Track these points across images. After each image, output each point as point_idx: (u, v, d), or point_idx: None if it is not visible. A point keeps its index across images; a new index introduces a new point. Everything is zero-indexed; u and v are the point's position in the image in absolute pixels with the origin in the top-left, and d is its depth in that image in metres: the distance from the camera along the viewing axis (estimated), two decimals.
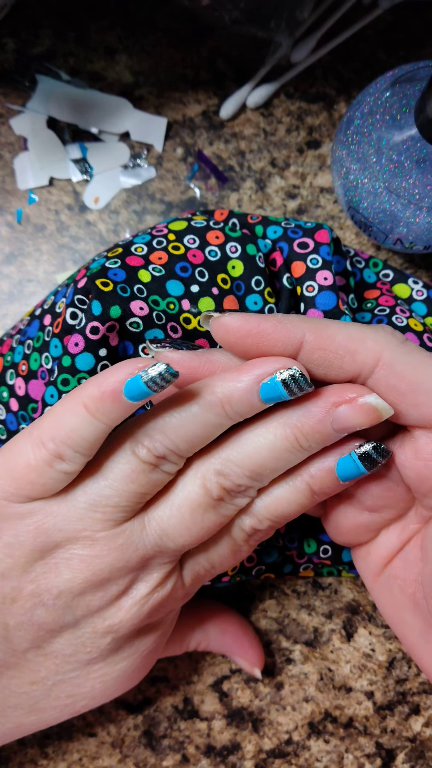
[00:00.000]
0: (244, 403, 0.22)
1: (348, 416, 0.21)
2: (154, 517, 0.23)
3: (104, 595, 0.23)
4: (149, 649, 0.26)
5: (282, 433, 0.22)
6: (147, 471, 0.22)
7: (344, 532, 0.26)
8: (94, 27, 0.38)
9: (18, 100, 0.38)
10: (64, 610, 0.23)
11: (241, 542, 0.25)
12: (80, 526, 0.22)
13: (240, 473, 0.22)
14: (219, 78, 0.38)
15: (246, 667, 0.32)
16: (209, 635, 0.32)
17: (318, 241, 0.30)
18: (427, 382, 0.21)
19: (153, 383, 0.21)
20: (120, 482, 0.22)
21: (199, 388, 0.22)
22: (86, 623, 0.24)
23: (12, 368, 0.30)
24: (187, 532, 0.23)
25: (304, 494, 0.23)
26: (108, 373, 0.21)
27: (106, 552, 0.23)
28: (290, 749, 0.34)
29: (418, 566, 0.24)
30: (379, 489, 0.24)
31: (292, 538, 0.31)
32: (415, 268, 0.37)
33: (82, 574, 0.23)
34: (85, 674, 0.25)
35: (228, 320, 0.22)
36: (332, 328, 0.22)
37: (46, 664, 0.25)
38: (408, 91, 0.29)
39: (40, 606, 0.23)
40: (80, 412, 0.21)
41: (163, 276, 0.27)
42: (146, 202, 0.38)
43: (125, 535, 0.23)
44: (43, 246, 0.37)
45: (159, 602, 0.24)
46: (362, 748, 0.34)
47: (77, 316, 0.26)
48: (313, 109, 0.38)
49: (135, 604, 0.24)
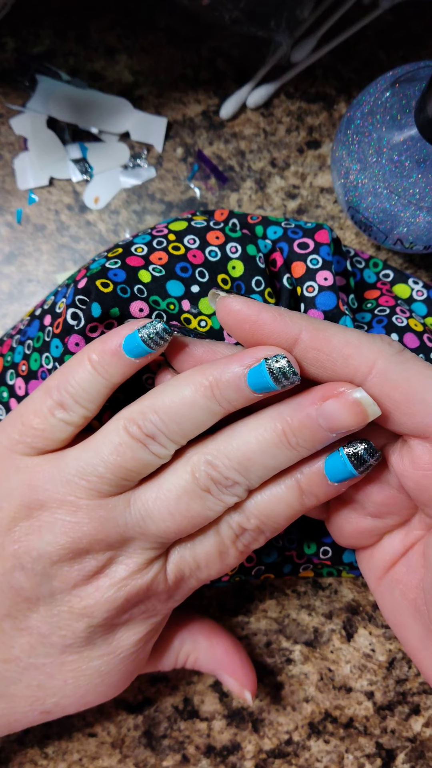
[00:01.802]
0: (232, 388, 0.22)
1: (334, 410, 0.21)
2: (140, 497, 0.23)
3: (81, 568, 0.24)
4: (127, 652, 0.26)
5: (271, 426, 0.22)
6: (134, 447, 0.23)
7: (347, 536, 0.26)
8: (94, 27, 0.38)
9: (18, 100, 0.38)
10: (42, 577, 0.24)
11: (228, 542, 0.24)
12: (65, 489, 0.23)
13: (229, 465, 0.23)
14: (219, 78, 0.38)
15: (235, 689, 0.30)
16: (198, 647, 0.31)
17: (318, 241, 0.30)
18: (421, 392, 0.21)
19: (149, 339, 0.23)
20: (107, 454, 0.23)
21: (193, 372, 0.23)
22: (63, 600, 0.24)
23: (12, 368, 0.30)
24: (170, 517, 0.23)
25: (293, 492, 0.23)
26: (112, 331, 0.24)
27: (86, 521, 0.23)
28: (290, 749, 0.34)
29: (420, 572, 0.24)
30: (381, 496, 0.24)
31: (291, 539, 0.31)
32: (415, 268, 0.37)
33: (61, 539, 0.23)
34: (59, 664, 0.25)
35: (231, 302, 0.22)
36: (330, 330, 0.22)
37: (20, 642, 0.25)
38: (408, 91, 0.29)
39: (19, 569, 0.24)
40: (85, 365, 0.23)
41: (164, 276, 0.27)
42: (146, 202, 0.38)
43: (108, 508, 0.23)
44: (43, 246, 0.37)
45: (137, 590, 0.24)
46: (362, 748, 0.34)
47: (78, 316, 0.26)
48: (313, 109, 0.38)
49: (112, 585, 0.24)
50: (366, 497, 0.24)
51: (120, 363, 0.23)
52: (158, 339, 0.23)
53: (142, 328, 0.23)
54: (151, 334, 0.23)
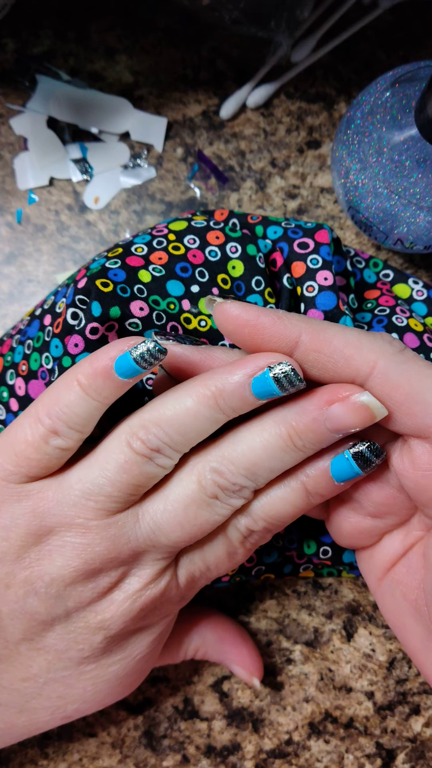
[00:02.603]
0: (236, 397, 0.22)
1: (341, 414, 0.21)
2: (148, 511, 0.23)
3: (95, 587, 0.23)
4: (142, 654, 0.26)
5: (276, 432, 0.22)
6: (140, 463, 0.22)
7: (347, 536, 0.26)
8: (94, 27, 0.38)
9: (18, 100, 0.38)
10: (56, 600, 0.23)
11: (237, 543, 0.24)
12: (73, 512, 0.23)
13: (235, 471, 0.22)
14: (219, 78, 0.38)
15: (244, 676, 0.31)
16: (206, 641, 0.31)
17: (318, 241, 0.30)
18: (422, 392, 0.21)
19: (141, 359, 0.22)
20: (113, 472, 0.22)
21: (194, 382, 0.22)
22: (78, 617, 0.24)
23: (12, 368, 0.30)
24: (179, 528, 0.23)
25: (299, 494, 0.23)
26: (101, 351, 0.22)
27: (97, 541, 0.23)
28: (290, 749, 0.34)
29: (421, 573, 0.24)
30: (380, 496, 0.24)
31: (291, 539, 0.31)
32: (415, 268, 0.37)
33: (73, 561, 0.23)
34: (77, 674, 0.25)
35: (228, 307, 0.22)
36: (330, 331, 0.22)
37: (38, 660, 0.25)
38: (408, 91, 0.29)
39: (33, 594, 0.23)
40: (74, 388, 0.22)
41: (164, 276, 0.27)
42: (146, 202, 0.38)
43: (118, 525, 0.23)
44: (43, 246, 0.37)
45: (151, 600, 0.24)
46: (362, 748, 0.34)
47: (78, 316, 0.26)
48: (313, 109, 0.38)
49: (127, 599, 0.24)
50: (365, 497, 0.24)
51: (111, 385, 0.22)
52: (151, 359, 0.22)
53: (134, 348, 0.22)
54: (143, 354, 0.22)
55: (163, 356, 0.22)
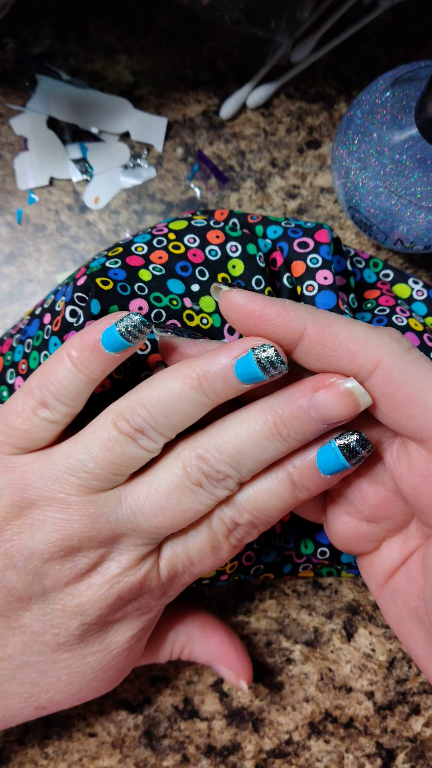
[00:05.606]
0: (219, 379, 0.22)
1: (325, 401, 0.21)
2: (131, 493, 0.23)
3: (72, 566, 0.24)
4: (120, 649, 0.26)
5: (263, 419, 0.22)
6: (123, 442, 0.23)
7: (344, 541, 0.25)
8: (94, 27, 0.38)
9: (18, 100, 0.38)
10: (34, 576, 0.24)
11: (221, 536, 0.24)
12: (55, 486, 0.23)
13: (220, 458, 0.22)
14: (219, 78, 0.38)
15: (231, 678, 0.30)
16: (193, 639, 0.31)
17: (318, 240, 0.30)
18: (424, 395, 0.21)
19: (126, 332, 0.22)
20: (96, 450, 0.23)
21: (181, 365, 0.23)
22: (55, 598, 0.24)
23: (12, 367, 0.30)
24: (161, 512, 0.23)
25: (285, 486, 0.23)
26: (90, 326, 0.23)
27: (77, 518, 0.23)
28: (290, 749, 0.34)
29: (420, 582, 0.24)
30: (377, 499, 0.24)
31: (288, 539, 0.31)
32: (415, 268, 0.37)
33: (52, 536, 0.23)
34: (52, 661, 0.25)
35: (234, 296, 0.22)
36: (336, 324, 0.21)
37: (14, 641, 0.25)
38: (408, 91, 0.29)
39: (11, 568, 0.24)
40: (65, 362, 0.23)
41: (164, 275, 0.27)
42: (146, 202, 0.38)
43: (99, 504, 0.23)
44: (43, 246, 0.37)
45: (129, 587, 0.24)
46: (362, 748, 0.34)
47: (77, 314, 0.26)
48: (313, 109, 0.38)
49: (105, 583, 0.24)
50: (361, 500, 0.24)
51: (99, 358, 0.23)
52: (136, 332, 0.22)
53: (119, 321, 0.22)
54: (128, 326, 0.22)
55: (147, 329, 0.23)
